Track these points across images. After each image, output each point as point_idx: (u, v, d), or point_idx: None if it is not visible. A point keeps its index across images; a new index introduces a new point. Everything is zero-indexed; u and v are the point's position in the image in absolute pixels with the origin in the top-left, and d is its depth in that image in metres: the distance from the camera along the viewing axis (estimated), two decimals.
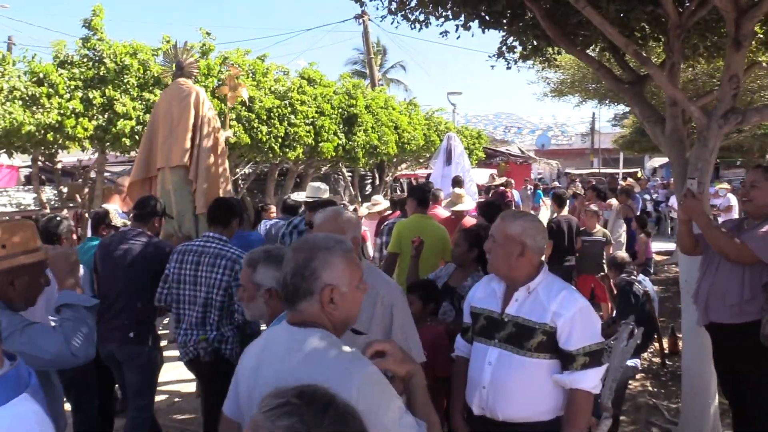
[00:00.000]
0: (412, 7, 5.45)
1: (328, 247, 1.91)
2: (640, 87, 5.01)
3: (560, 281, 2.85)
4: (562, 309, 2.65)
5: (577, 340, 2.63)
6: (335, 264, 1.88)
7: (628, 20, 4.92)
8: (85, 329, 2.48)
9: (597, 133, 40.52)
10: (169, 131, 5.41)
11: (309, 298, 1.87)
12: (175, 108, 5.43)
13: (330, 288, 1.86)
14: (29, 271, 2.45)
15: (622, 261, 6.81)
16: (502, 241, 2.78)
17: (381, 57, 45.31)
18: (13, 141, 7.04)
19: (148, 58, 8.35)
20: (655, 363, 6.98)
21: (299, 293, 1.87)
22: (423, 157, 19.77)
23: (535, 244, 2.75)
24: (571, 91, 12.85)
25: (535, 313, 2.71)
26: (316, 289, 1.86)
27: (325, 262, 1.87)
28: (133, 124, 7.89)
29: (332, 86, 12.71)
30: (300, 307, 1.88)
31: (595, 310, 2.91)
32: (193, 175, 5.40)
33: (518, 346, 2.71)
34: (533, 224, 2.80)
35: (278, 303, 2.58)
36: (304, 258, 1.87)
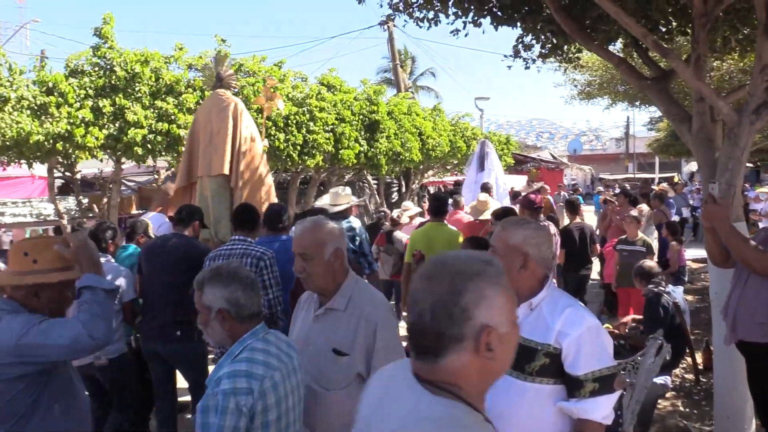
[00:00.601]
0: (418, 4, 5.18)
1: (478, 271, 1.39)
2: (665, 83, 4.64)
3: (567, 297, 2.52)
4: (568, 328, 2.35)
5: (585, 363, 2.32)
6: (492, 295, 1.37)
7: (650, 11, 4.55)
8: (102, 312, 2.47)
9: (632, 137, 39.56)
10: (208, 141, 5.57)
11: (457, 347, 1.34)
12: (215, 118, 5.58)
13: (488, 330, 1.35)
14: (57, 285, 2.51)
15: (650, 270, 6.34)
16: (503, 251, 2.47)
17: (411, 64, 45.14)
18: (23, 151, 6.98)
19: (160, 66, 8.25)
20: (688, 380, 6.51)
21: (444, 341, 1.34)
22: (450, 164, 19.46)
23: (539, 255, 2.45)
24: (600, 93, 12.40)
25: (537, 333, 2.39)
26: (469, 333, 1.34)
27: (479, 293, 1.36)
28: (144, 132, 7.79)
29: (352, 92, 12.51)
30: (443, 361, 1.35)
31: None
32: (234, 183, 5.55)
33: (518, 370, 2.39)
34: (537, 233, 2.49)
35: (234, 325, 2.31)
36: (449, 290, 1.35)
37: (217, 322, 2.30)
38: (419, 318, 1.36)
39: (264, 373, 2.19)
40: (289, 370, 2.34)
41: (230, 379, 2.14)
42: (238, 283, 2.31)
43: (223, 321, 2.30)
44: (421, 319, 1.35)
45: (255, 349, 2.26)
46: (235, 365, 2.20)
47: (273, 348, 2.33)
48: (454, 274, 1.37)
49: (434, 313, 1.34)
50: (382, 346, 2.63)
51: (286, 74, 10.60)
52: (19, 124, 6.54)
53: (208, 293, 2.32)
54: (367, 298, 2.75)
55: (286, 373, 2.30)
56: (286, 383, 2.29)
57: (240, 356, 2.24)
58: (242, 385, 2.13)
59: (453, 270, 1.38)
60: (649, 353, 5.25)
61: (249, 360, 2.21)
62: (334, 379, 2.60)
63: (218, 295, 2.30)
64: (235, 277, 2.33)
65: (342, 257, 2.73)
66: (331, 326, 2.67)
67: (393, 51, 20.68)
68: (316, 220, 2.80)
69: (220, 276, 2.33)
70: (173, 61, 8.58)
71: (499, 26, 5.45)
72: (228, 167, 5.49)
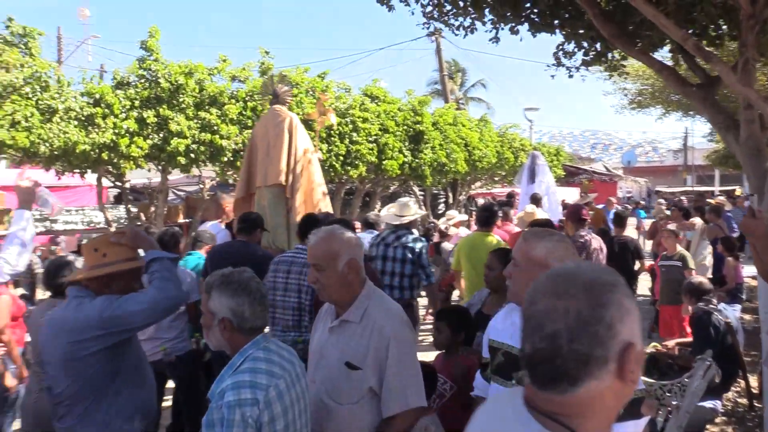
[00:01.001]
0: (453, 12, 5.09)
1: (613, 282, 1.22)
2: (711, 90, 4.40)
3: None
4: None
5: None
6: (631, 308, 1.20)
7: (696, 14, 4.33)
8: (171, 275, 2.78)
9: (690, 148, 38.22)
10: (266, 153, 5.87)
11: (601, 371, 1.16)
12: (272, 132, 5.89)
13: (632, 348, 1.17)
14: (126, 276, 2.79)
15: (700, 286, 6.01)
16: (524, 265, 2.35)
17: (461, 76, 44.92)
18: (71, 160, 7.20)
19: (204, 77, 8.40)
20: (741, 405, 6.13)
21: (588, 365, 1.15)
22: (498, 176, 19.18)
23: None
24: (652, 102, 11.96)
25: None
26: (614, 353, 1.16)
27: (621, 306, 1.19)
28: (188, 142, 7.93)
29: (397, 103, 12.47)
30: (578, 389, 1.16)
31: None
32: (290, 192, 5.84)
33: None
34: (561, 245, 2.35)
35: (234, 335, 2.25)
36: (589, 305, 1.17)
37: (218, 330, 2.26)
38: (551, 342, 1.16)
39: (268, 383, 2.14)
40: (293, 377, 2.28)
41: (234, 390, 2.09)
42: (246, 296, 2.25)
43: (224, 330, 2.24)
44: (555, 343, 1.16)
45: (257, 359, 2.21)
46: (238, 376, 2.14)
47: (275, 357, 2.27)
48: (589, 287, 1.19)
49: (574, 333, 1.14)
50: (394, 362, 2.53)
51: (329, 85, 10.64)
52: (66, 134, 6.75)
53: (214, 299, 2.27)
54: (382, 310, 2.65)
55: (291, 381, 2.25)
56: (291, 391, 2.24)
57: (242, 367, 2.19)
58: (247, 396, 2.08)
59: (587, 282, 1.20)
60: (697, 375, 4.96)
61: (252, 370, 2.16)
62: (347, 393, 2.53)
63: (224, 304, 2.25)
64: (245, 288, 2.27)
65: (357, 268, 2.64)
66: (345, 339, 2.60)
67: (440, 62, 20.60)
68: (331, 229, 2.72)
69: (230, 284, 2.27)
70: (217, 73, 8.72)
71: (538, 33, 5.31)
72: (284, 177, 5.77)
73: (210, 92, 8.38)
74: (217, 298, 2.25)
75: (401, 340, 2.58)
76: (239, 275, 2.31)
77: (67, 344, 2.58)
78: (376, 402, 2.54)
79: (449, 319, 3.74)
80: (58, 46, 23.84)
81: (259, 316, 2.29)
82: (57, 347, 2.62)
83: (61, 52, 23.77)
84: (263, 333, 2.33)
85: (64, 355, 2.60)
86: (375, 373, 2.50)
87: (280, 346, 2.38)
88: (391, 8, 5.02)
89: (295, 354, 2.43)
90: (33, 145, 6.54)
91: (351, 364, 2.52)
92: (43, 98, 6.81)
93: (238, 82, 9.15)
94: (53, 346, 2.65)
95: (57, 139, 6.69)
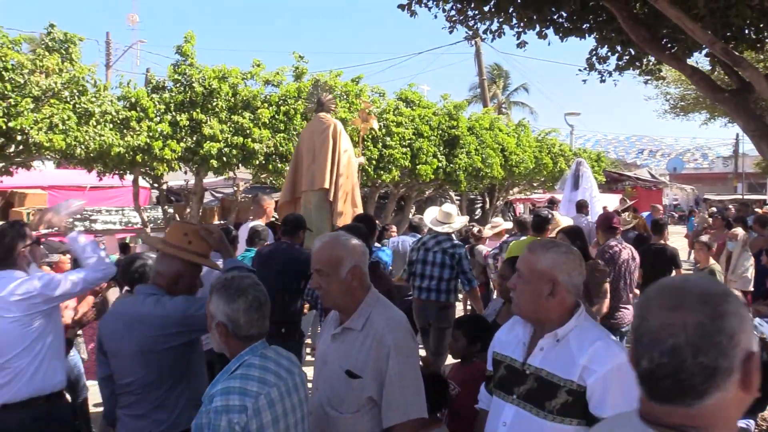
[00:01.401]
0: (478, 17, 5.02)
1: (727, 291, 1.21)
2: (745, 96, 4.21)
3: (598, 329, 2.29)
4: (595, 364, 2.12)
5: (613, 404, 2.07)
6: (747, 316, 1.19)
7: (728, 17, 4.15)
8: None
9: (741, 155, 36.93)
10: (311, 159, 6.15)
11: (726, 382, 1.14)
12: (317, 139, 6.14)
13: (753, 357, 1.15)
14: (194, 272, 2.94)
15: None
16: (528, 277, 2.27)
17: (503, 80, 44.47)
18: (106, 162, 7.39)
19: (237, 81, 8.52)
20: None
21: (714, 378, 1.13)
22: (536, 181, 18.89)
23: (569, 281, 2.23)
24: (696, 107, 11.58)
25: (561, 367, 2.18)
26: (737, 363, 1.14)
27: (738, 315, 1.16)
28: (221, 146, 8.04)
29: (432, 107, 12.40)
30: (704, 402, 1.15)
31: None
32: (333, 196, 6.10)
33: (538, 406, 2.19)
34: (567, 257, 2.27)
35: (230, 340, 2.24)
36: (710, 315, 1.15)
37: (216, 333, 2.26)
38: (673, 356, 1.14)
39: (259, 390, 2.11)
40: (290, 387, 2.25)
41: (223, 396, 2.08)
42: (242, 303, 2.23)
43: (221, 334, 2.24)
44: (678, 357, 1.14)
45: (251, 365, 2.19)
46: (229, 382, 2.13)
47: (271, 364, 2.25)
48: (705, 299, 1.17)
49: (697, 346, 1.13)
50: (395, 372, 2.48)
51: (363, 89, 10.65)
52: (102, 137, 6.92)
53: (213, 302, 2.27)
54: (384, 319, 2.60)
55: (286, 391, 2.22)
56: (285, 401, 2.21)
57: (235, 373, 2.17)
58: (235, 403, 2.06)
59: (701, 294, 1.19)
60: None
61: (243, 376, 2.14)
62: (347, 401, 2.50)
63: (220, 309, 2.25)
64: (242, 294, 2.24)
65: (361, 275, 2.60)
66: (346, 346, 2.57)
67: (480, 66, 20.43)
68: (336, 235, 2.70)
69: (228, 289, 2.26)
70: (250, 77, 8.83)
71: (566, 38, 5.19)
72: (328, 182, 6.03)
73: (243, 96, 8.48)
74: (215, 302, 2.25)
75: (403, 350, 2.53)
76: (240, 281, 2.29)
77: (147, 337, 2.72)
78: (377, 412, 2.49)
79: (466, 329, 3.69)
80: (107, 50, 24.55)
81: (255, 325, 2.25)
82: (132, 340, 2.74)
83: (109, 57, 24.48)
84: (262, 340, 2.31)
85: (141, 347, 2.73)
86: (375, 382, 2.46)
87: (279, 353, 2.35)
88: (413, 14, 4.98)
89: (297, 363, 2.41)
90: (69, 148, 6.73)
91: (351, 372, 2.49)
92: (81, 102, 7.01)
93: (272, 86, 9.25)
94: (126, 339, 2.76)
95: (93, 141, 6.87)
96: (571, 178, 12.82)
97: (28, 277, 3.27)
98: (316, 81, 9.68)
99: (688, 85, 10.72)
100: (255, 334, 2.27)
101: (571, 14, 4.64)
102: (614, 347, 2.19)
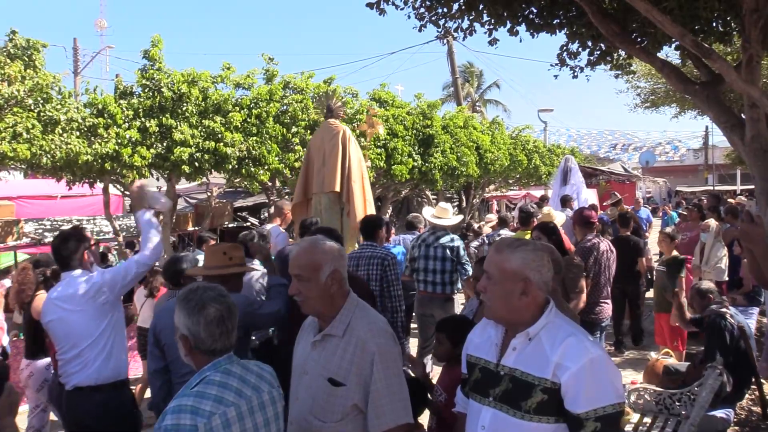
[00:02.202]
0: (449, 14, 4.98)
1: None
2: (715, 88, 4.23)
3: (570, 325, 2.23)
4: (567, 360, 2.08)
5: (586, 400, 2.04)
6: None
7: (697, 9, 4.17)
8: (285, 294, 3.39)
9: (711, 147, 37.57)
10: (322, 163, 6.45)
11: None
12: (327, 144, 6.44)
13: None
14: (238, 278, 3.51)
15: (708, 290, 5.80)
16: (498, 277, 2.20)
17: (477, 79, 44.66)
18: (74, 171, 7.21)
19: (207, 85, 8.38)
20: (755, 413, 5.91)
21: None
22: (512, 178, 18.97)
23: (540, 279, 2.19)
24: (666, 100, 11.72)
25: (534, 366, 2.14)
26: None
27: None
28: (192, 151, 7.90)
29: (406, 107, 12.36)
30: None
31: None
32: (345, 198, 6.43)
33: (515, 407, 2.14)
34: (536, 254, 2.22)
35: (194, 353, 2.17)
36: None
37: (181, 345, 2.17)
38: None
39: (213, 410, 2.02)
40: (253, 406, 2.16)
41: (174, 414, 1.98)
42: (201, 317, 2.15)
43: (184, 347, 2.16)
44: None
45: (210, 383, 2.10)
46: (183, 399, 2.03)
47: (234, 381, 2.15)
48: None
49: None
50: (381, 378, 2.41)
51: (335, 90, 10.56)
52: (69, 145, 6.75)
53: (177, 313, 2.19)
54: (366, 324, 2.54)
55: (248, 410, 2.13)
56: (246, 421, 2.11)
57: (193, 389, 2.08)
58: (186, 422, 1.96)
59: None
60: (707, 384, 4.79)
61: (198, 394, 2.05)
62: (330, 410, 2.42)
63: (182, 321, 2.17)
64: (202, 309, 2.16)
65: (341, 280, 2.54)
66: (327, 354, 2.49)
67: (452, 65, 20.45)
68: (315, 239, 2.63)
69: (188, 302, 2.17)
70: (221, 81, 8.70)
71: (537, 33, 5.18)
72: (338, 185, 6.34)
73: (214, 100, 8.35)
74: (178, 314, 2.17)
75: (386, 354, 2.47)
76: (202, 293, 2.20)
77: None
78: (361, 419, 2.43)
79: (449, 331, 3.63)
80: (75, 57, 24.08)
81: (218, 339, 2.16)
82: None
83: (77, 64, 24.01)
84: (228, 354, 2.22)
85: None
86: (359, 389, 2.40)
87: (248, 370, 2.26)
88: (382, 12, 4.93)
89: (269, 380, 2.33)
90: (35, 157, 6.55)
91: (334, 380, 2.42)
92: (45, 110, 6.83)
93: (243, 89, 9.13)
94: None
95: (59, 150, 6.69)
96: (560, 174, 13.16)
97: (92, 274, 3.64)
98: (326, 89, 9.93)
99: (658, 79, 10.84)
100: (219, 348, 2.17)
101: (541, 10, 4.63)
102: (586, 342, 2.15)
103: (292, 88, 9.63)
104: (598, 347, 2.14)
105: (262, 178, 9.12)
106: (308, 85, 9.88)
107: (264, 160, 8.81)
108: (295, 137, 9.37)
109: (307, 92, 9.71)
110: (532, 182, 20.04)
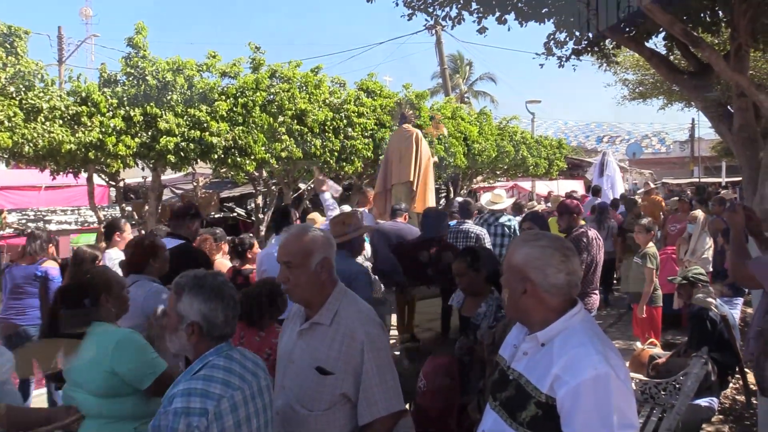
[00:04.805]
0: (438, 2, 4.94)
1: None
2: (703, 78, 4.23)
3: (585, 334, 1.94)
4: (568, 373, 1.83)
5: (582, 423, 1.78)
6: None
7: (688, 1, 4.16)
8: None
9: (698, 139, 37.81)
10: (398, 159, 8.09)
11: None
12: (403, 144, 8.11)
13: None
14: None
15: (697, 278, 5.82)
16: (506, 272, 2.08)
17: (467, 70, 44.59)
18: (58, 160, 7.10)
19: (193, 74, 8.27)
20: (739, 402, 5.97)
21: None
22: (499, 169, 18.96)
23: (544, 280, 1.96)
24: (654, 93, 11.74)
25: (536, 375, 1.93)
26: None
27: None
28: (177, 140, 7.81)
29: (394, 97, 12.31)
30: None
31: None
32: (416, 186, 7.99)
33: (512, 416, 1.97)
34: (543, 251, 1.98)
35: (201, 341, 2.15)
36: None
37: (185, 334, 2.14)
38: None
39: (222, 393, 2.02)
40: (254, 391, 2.16)
41: (184, 397, 1.98)
42: (219, 302, 2.15)
43: (192, 334, 2.13)
44: None
45: (215, 367, 2.10)
46: (192, 383, 2.03)
47: (236, 366, 2.16)
48: None
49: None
50: (372, 367, 2.41)
51: (322, 80, 10.49)
52: (51, 134, 6.63)
53: (185, 302, 2.15)
54: (354, 312, 2.54)
55: (250, 394, 2.13)
56: (249, 405, 2.12)
57: (199, 373, 2.07)
58: (196, 405, 1.96)
59: None
60: (692, 373, 4.81)
61: (207, 378, 2.05)
62: (318, 399, 2.42)
63: (195, 308, 2.14)
64: (219, 294, 2.16)
65: (330, 267, 2.54)
66: (315, 342, 2.49)
67: (441, 55, 20.38)
68: (304, 227, 2.63)
69: (203, 288, 2.15)
70: (206, 69, 8.60)
71: (526, 22, 5.15)
72: (413, 175, 7.91)
73: (199, 88, 8.25)
74: (188, 301, 2.14)
75: (375, 342, 2.47)
76: (213, 279, 2.19)
77: None
78: (349, 408, 2.43)
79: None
80: (59, 46, 23.74)
81: (230, 324, 2.19)
82: None
83: (62, 52, 23.68)
84: (228, 340, 2.22)
85: None
86: (348, 378, 2.40)
87: (245, 356, 2.26)
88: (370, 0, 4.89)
89: (263, 366, 2.32)
90: (16, 145, 6.44)
91: (322, 369, 2.41)
92: (28, 98, 6.70)
93: (229, 78, 9.03)
94: None
95: (42, 138, 6.58)
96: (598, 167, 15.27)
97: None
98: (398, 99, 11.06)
99: (645, 71, 10.86)
100: (228, 333, 2.19)
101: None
102: (595, 356, 1.85)
103: (279, 77, 9.53)
104: (607, 364, 1.82)
105: (248, 168, 9.03)
106: (295, 74, 9.78)
107: (250, 150, 8.73)
108: (282, 126, 9.28)
109: (294, 81, 9.62)
110: (520, 173, 20.03)
